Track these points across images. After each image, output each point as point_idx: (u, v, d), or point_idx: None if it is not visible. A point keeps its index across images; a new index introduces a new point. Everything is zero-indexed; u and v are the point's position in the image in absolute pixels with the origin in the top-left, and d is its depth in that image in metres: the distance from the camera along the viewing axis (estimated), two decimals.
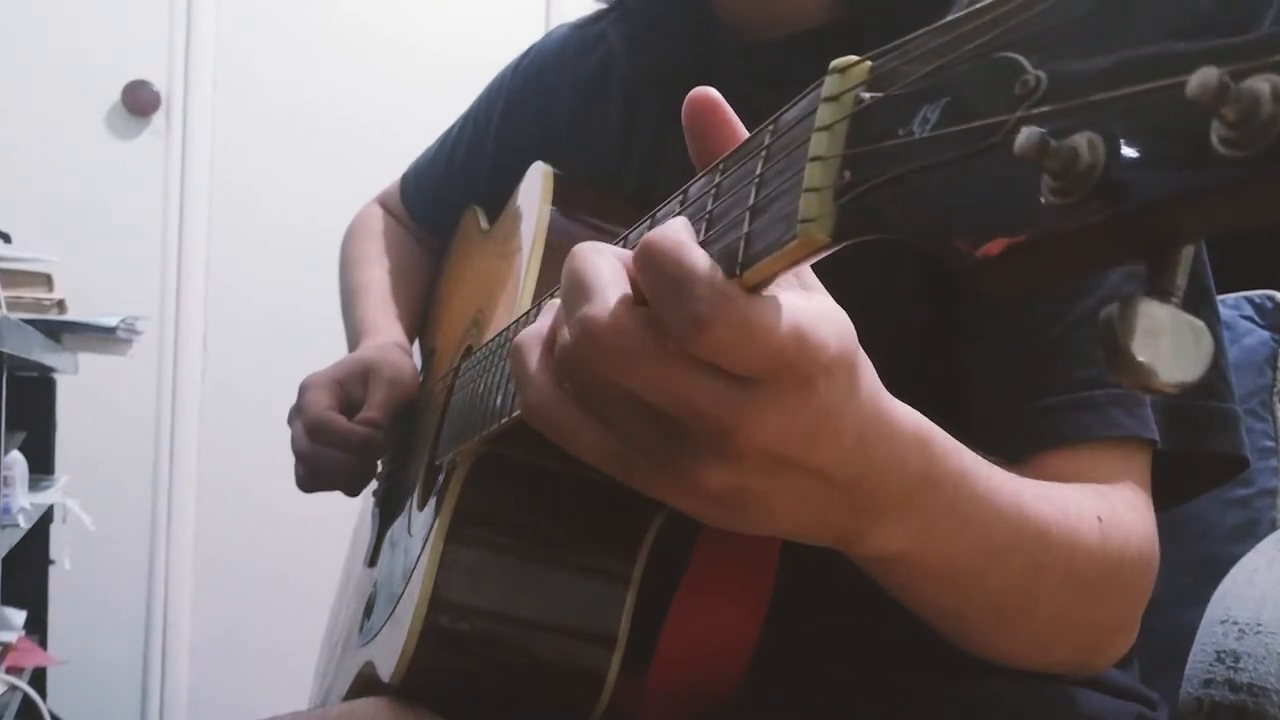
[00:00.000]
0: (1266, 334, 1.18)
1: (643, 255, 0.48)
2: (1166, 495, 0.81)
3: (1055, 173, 0.32)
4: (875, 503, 0.58)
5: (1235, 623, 0.94)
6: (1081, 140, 0.31)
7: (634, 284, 0.51)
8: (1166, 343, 0.33)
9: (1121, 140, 0.31)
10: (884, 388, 0.56)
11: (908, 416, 0.58)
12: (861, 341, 0.52)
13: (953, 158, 0.36)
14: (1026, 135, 0.32)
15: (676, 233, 0.49)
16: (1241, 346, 1.18)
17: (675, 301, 0.47)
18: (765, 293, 0.48)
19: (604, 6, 1.11)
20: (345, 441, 1.03)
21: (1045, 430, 0.78)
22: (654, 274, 0.48)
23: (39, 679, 2.45)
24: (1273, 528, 1.13)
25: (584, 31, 1.14)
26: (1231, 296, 1.21)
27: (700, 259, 0.47)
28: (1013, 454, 0.78)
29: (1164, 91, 0.30)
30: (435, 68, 3.08)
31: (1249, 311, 1.19)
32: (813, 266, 0.48)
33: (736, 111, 0.55)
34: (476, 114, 1.25)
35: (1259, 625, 0.91)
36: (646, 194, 0.63)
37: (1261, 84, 0.28)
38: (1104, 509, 0.72)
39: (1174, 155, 0.30)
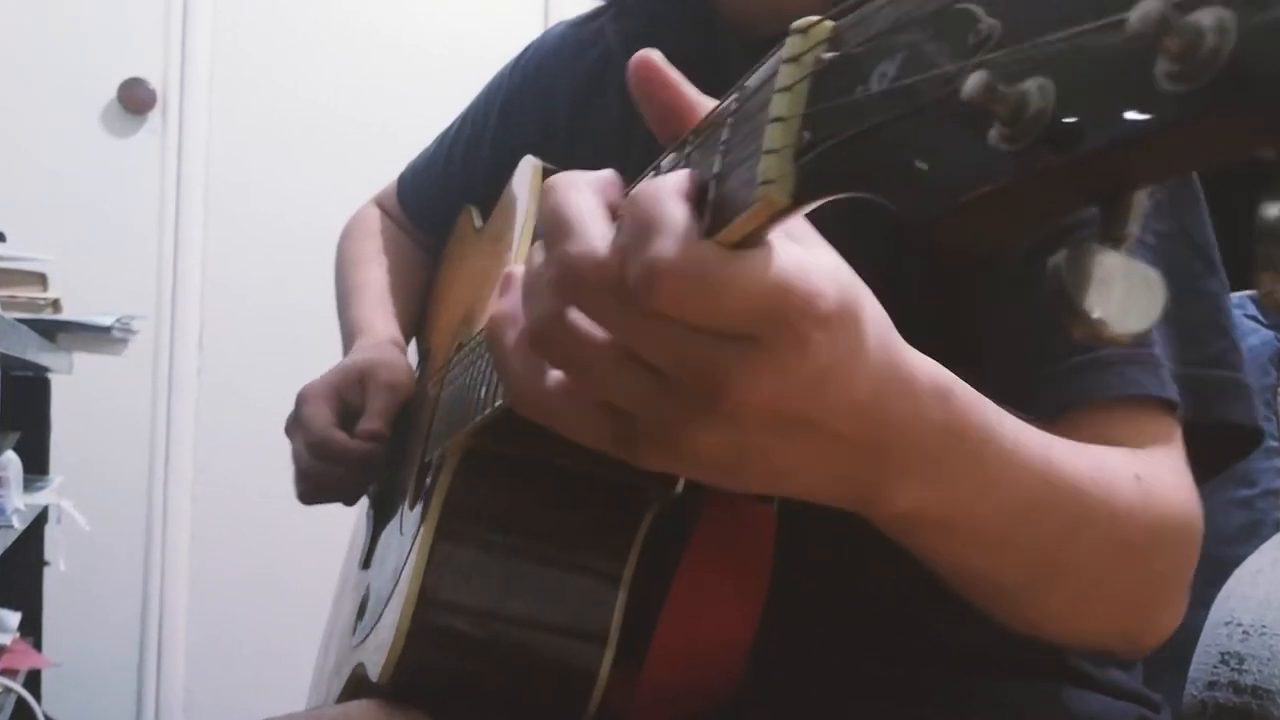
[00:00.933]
0: (1270, 333, 1.18)
1: (626, 200, 0.48)
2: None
3: (1005, 119, 0.32)
4: (895, 459, 0.56)
5: (1239, 624, 0.94)
6: (1032, 85, 0.31)
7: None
8: (1117, 291, 0.33)
9: (1070, 82, 0.31)
10: (900, 338, 0.54)
11: (926, 368, 0.56)
12: None
13: (907, 111, 0.36)
14: (974, 80, 0.32)
15: (664, 181, 0.47)
16: (1245, 345, 1.17)
17: (634, 247, 0.46)
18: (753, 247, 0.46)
19: (602, 4, 1.12)
20: (348, 458, 1.04)
21: (1066, 392, 0.76)
22: (627, 217, 0.47)
23: (33, 681, 2.44)
24: (1277, 529, 1.12)
25: (581, 29, 1.14)
26: (1236, 295, 1.20)
27: (673, 209, 0.46)
28: (1036, 419, 0.76)
29: (1108, 29, 0.30)
30: (433, 66, 3.08)
31: (1252, 310, 1.19)
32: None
33: None
34: (474, 114, 1.25)
35: (1263, 627, 0.91)
36: None
37: (1204, 16, 0.28)
38: (1141, 468, 0.70)
39: (1119, 94, 0.30)
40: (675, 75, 0.56)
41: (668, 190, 0.47)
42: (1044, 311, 0.84)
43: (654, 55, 0.55)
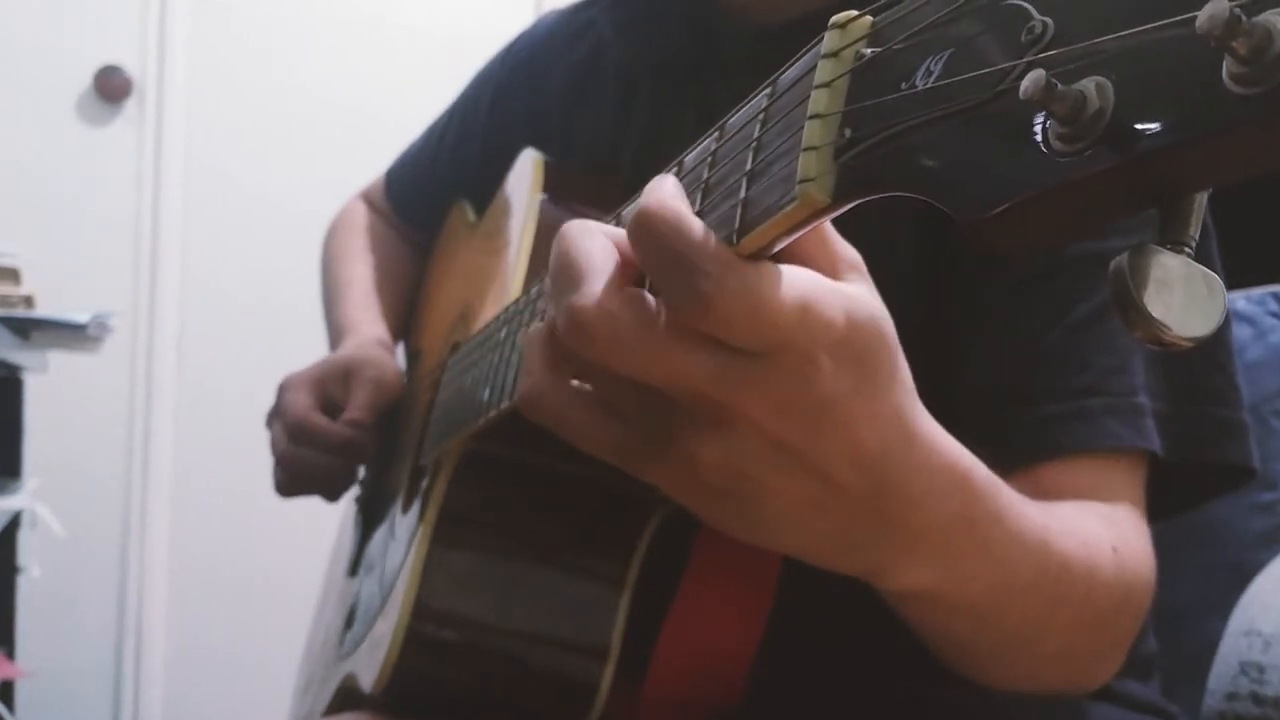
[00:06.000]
0: None
1: (639, 227, 0.48)
2: (1170, 504, 0.82)
3: (1062, 118, 0.32)
4: (903, 537, 0.58)
5: (1260, 634, 0.94)
6: (1089, 84, 0.32)
7: (626, 260, 0.51)
8: (1179, 294, 0.34)
9: (1131, 82, 0.31)
10: (926, 415, 0.56)
11: (951, 449, 0.58)
12: None
13: (957, 109, 0.36)
14: (1032, 78, 0.33)
15: (673, 202, 0.48)
16: (1266, 344, 1.17)
17: (678, 277, 0.47)
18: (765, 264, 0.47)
19: None
20: (328, 443, 1.03)
21: (1039, 441, 0.79)
22: (653, 248, 0.48)
23: (6, 692, 2.44)
24: None
25: (574, 18, 1.14)
26: (1257, 292, 1.20)
27: (698, 228, 0.47)
28: (1006, 464, 0.78)
29: (1173, 28, 0.30)
30: (422, 56, 3.07)
31: (1274, 308, 1.19)
32: None
33: (734, 100, 0.54)
34: (464, 105, 1.26)
35: None
36: (642, 181, 0.63)
37: (1275, 17, 0.28)
38: (1117, 538, 0.74)
39: (1185, 95, 0.30)
40: None
41: (681, 208, 0.48)
42: (1030, 353, 0.84)
43: None
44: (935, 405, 0.68)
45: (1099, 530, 0.73)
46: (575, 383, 0.55)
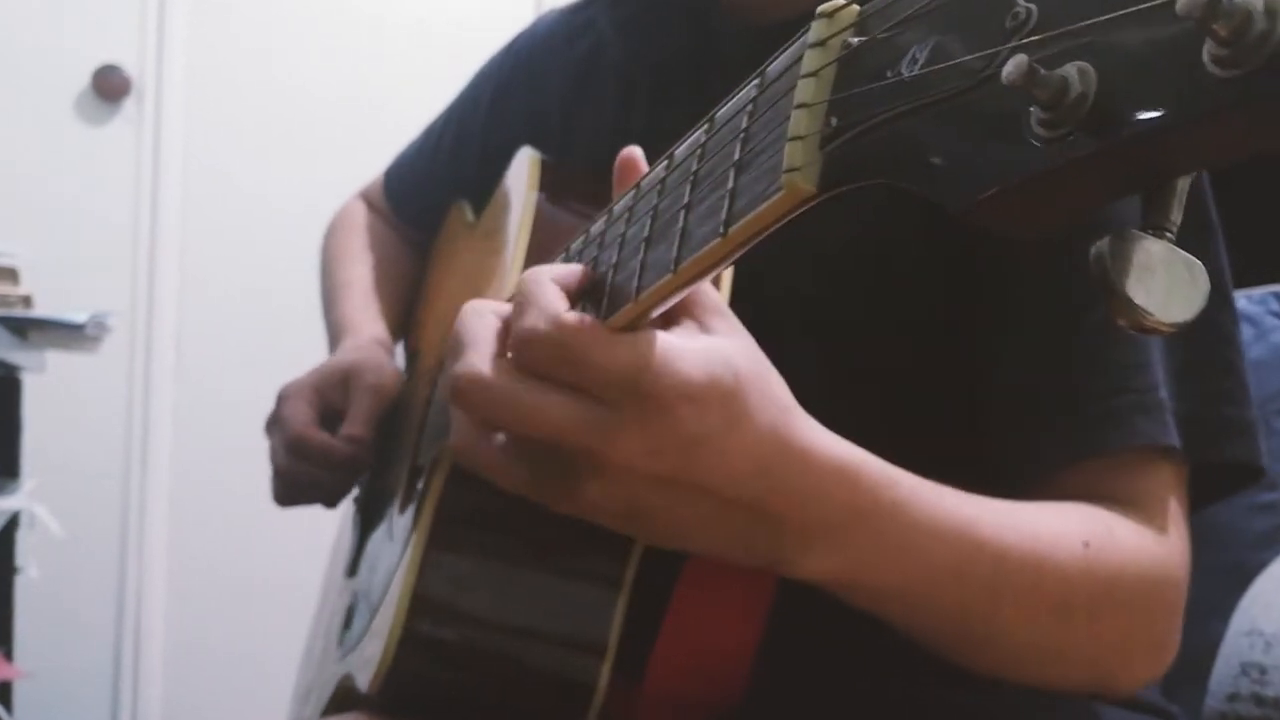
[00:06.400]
0: None
1: (514, 304, 0.60)
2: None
3: (1045, 104, 0.32)
4: (800, 530, 0.64)
5: (1261, 634, 0.94)
6: (1072, 69, 0.32)
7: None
8: (1161, 279, 0.34)
9: (1113, 67, 0.31)
10: (805, 423, 0.63)
11: (832, 450, 0.64)
12: (854, 349, 0.59)
13: (940, 97, 0.37)
14: (1014, 63, 0.33)
15: (540, 269, 0.61)
16: (1268, 343, 1.17)
17: (517, 315, 0.59)
18: (645, 328, 0.58)
19: None
20: (328, 459, 1.03)
21: (1069, 446, 0.79)
22: (516, 303, 0.60)
23: (5, 693, 2.44)
24: None
25: (574, 17, 1.14)
26: (1259, 291, 1.21)
27: (548, 288, 0.59)
28: (1032, 471, 0.79)
29: (1154, 11, 0.30)
30: (421, 54, 3.08)
31: (1276, 307, 1.19)
32: (812, 258, 0.49)
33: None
34: (463, 104, 1.25)
35: None
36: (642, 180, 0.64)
37: None
38: (1095, 532, 0.74)
39: (1166, 78, 0.30)
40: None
41: (543, 277, 0.60)
42: (1055, 355, 0.85)
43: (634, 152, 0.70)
44: (948, 401, 0.72)
45: (1066, 525, 0.74)
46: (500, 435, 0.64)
